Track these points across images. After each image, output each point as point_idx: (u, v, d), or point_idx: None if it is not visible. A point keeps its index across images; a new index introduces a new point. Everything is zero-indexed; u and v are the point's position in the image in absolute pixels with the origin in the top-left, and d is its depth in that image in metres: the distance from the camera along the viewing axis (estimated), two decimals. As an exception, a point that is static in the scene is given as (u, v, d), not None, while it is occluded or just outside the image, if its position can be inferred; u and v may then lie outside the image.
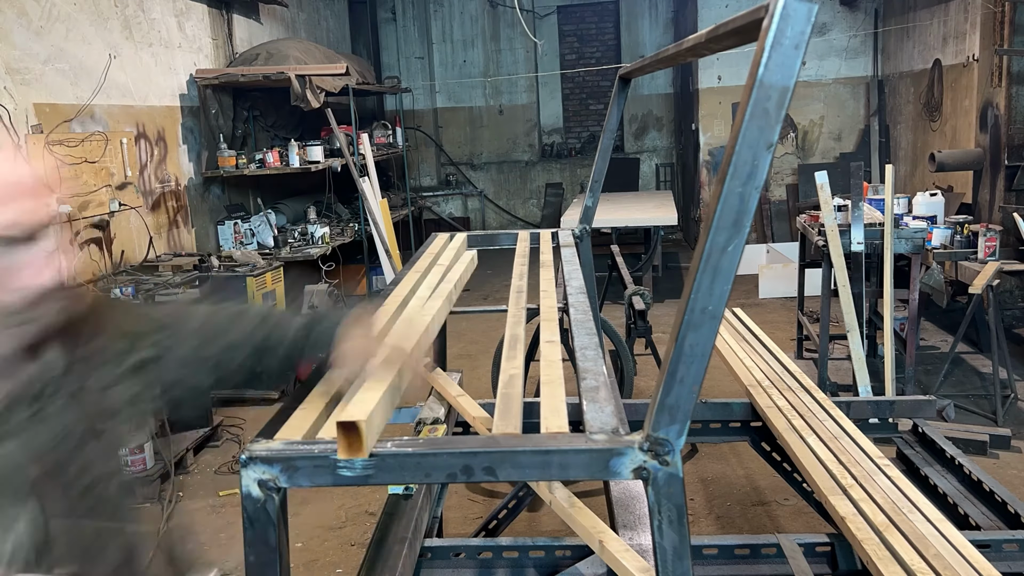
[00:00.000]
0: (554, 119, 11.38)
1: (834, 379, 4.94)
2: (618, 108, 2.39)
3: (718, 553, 2.24)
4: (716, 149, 9.22)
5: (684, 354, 0.90)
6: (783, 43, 0.81)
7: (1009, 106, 5.80)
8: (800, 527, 3.48)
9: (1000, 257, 4.82)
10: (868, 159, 8.66)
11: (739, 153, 0.84)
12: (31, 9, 4.50)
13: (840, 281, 4.31)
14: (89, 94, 4.95)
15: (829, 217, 4.43)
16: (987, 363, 4.98)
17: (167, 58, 5.91)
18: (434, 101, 11.29)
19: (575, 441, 0.97)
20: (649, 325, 4.49)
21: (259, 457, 0.99)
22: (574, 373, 1.27)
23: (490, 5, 11.01)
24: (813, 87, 9.05)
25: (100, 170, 4.99)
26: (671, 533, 0.97)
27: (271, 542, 1.00)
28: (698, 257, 0.88)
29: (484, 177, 11.48)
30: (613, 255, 5.90)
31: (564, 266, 2.12)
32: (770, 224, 9.11)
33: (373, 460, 0.96)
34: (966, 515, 2.48)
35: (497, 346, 4.52)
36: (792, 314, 6.19)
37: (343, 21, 10.23)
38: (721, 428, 3.10)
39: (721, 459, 4.22)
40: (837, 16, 8.88)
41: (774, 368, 3.30)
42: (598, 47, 11.19)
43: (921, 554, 1.89)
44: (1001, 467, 3.92)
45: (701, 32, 1.16)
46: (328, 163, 6.89)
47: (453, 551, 2.32)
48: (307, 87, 6.28)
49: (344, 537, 3.53)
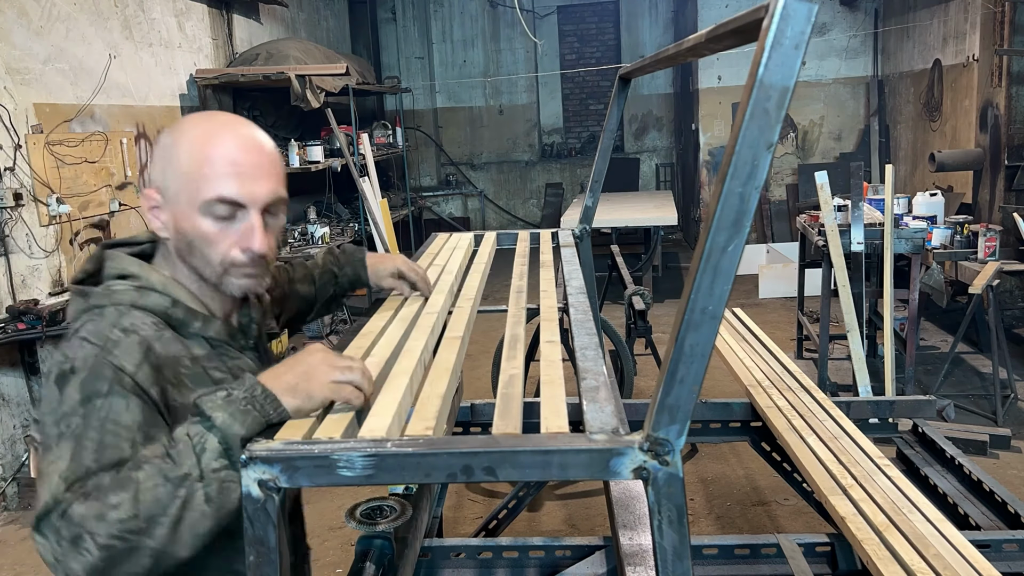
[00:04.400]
0: (554, 119, 11.39)
1: (834, 379, 4.94)
2: (618, 108, 2.39)
3: (718, 553, 2.24)
4: (716, 149, 9.22)
5: (684, 354, 0.90)
6: (783, 43, 0.81)
7: (1009, 106, 5.81)
8: (800, 527, 3.49)
9: (1000, 257, 4.82)
10: (868, 159, 8.67)
11: (739, 153, 0.84)
12: (31, 9, 4.50)
13: (840, 281, 4.31)
14: (89, 94, 4.95)
15: (829, 217, 4.43)
16: (987, 363, 4.98)
17: (167, 58, 5.91)
18: (434, 101, 11.30)
19: (575, 441, 0.97)
20: (649, 325, 4.49)
21: (259, 457, 0.99)
22: (574, 373, 1.27)
23: (490, 5, 11.01)
24: (813, 87, 9.05)
25: (100, 170, 4.99)
26: (671, 533, 0.97)
27: (271, 542, 1.00)
28: (698, 257, 0.88)
29: (484, 177, 11.48)
30: (613, 255, 5.90)
31: (564, 266, 2.12)
32: (770, 224, 9.11)
33: (373, 460, 0.96)
34: (966, 515, 2.48)
35: (497, 346, 4.52)
36: (792, 314, 6.19)
37: (343, 21, 10.24)
38: (721, 428, 3.09)
39: (721, 459, 4.23)
40: (837, 16, 8.88)
41: (774, 368, 3.30)
42: (598, 47, 11.20)
43: (921, 554, 1.89)
44: (1001, 467, 3.92)
45: (701, 32, 1.16)
46: (328, 163, 6.89)
47: (453, 551, 2.32)
48: (307, 87, 6.28)
49: (344, 537, 3.53)
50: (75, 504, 0.99)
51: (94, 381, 1.08)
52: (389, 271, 1.70)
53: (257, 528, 1.00)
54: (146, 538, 0.98)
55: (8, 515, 4.10)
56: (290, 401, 1.06)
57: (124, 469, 1.02)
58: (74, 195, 4.69)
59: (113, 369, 1.10)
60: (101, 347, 1.11)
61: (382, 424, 1.05)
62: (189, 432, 1.02)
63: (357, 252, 1.73)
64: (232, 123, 1.22)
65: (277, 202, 1.24)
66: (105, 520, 0.97)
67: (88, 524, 0.97)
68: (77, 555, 0.97)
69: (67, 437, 1.05)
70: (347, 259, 1.71)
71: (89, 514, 0.98)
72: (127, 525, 0.97)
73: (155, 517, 0.98)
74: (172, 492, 0.99)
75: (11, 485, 4.18)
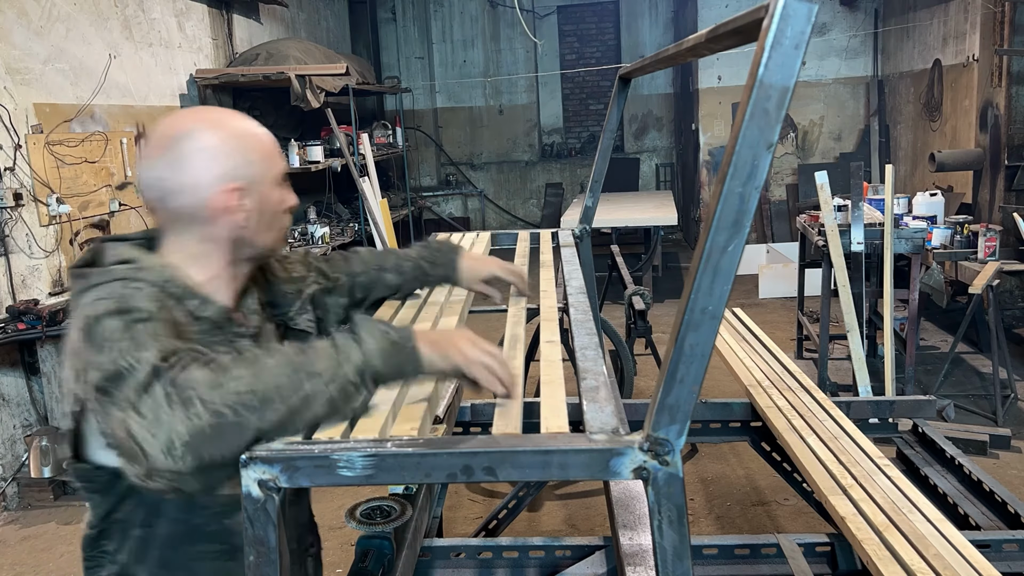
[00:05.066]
0: (554, 119, 11.38)
1: (834, 379, 4.94)
2: (618, 108, 2.39)
3: (718, 553, 2.24)
4: (716, 149, 9.22)
5: (684, 354, 0.90)
6: (783, 43, 0.81)
7: (1009, 106, 5.80)
8: (800, 527, 3.49)
9: (1000, 257, 4.82)
10: (868, 159, 8.66)
11: (739, 153, 0.84)
12: (31, 9, 4.50)
13: (840, 281, 4.31)
14: (89, 94, 4.95)
15: (829, 217, 4.43)
16: (987, 363, 4.98)
17: (167, 58, 5.91)
18: (434, 101, 11.30)
19: (575, 441, 0.97)
20: (649, 325, 4.49)
21: (259, 457, 0.99)
22: (574, 373, 1.27)
23: (490, 5, 11.01)
24: (813, 87, 9.05)
25: (100, 170, 4.99)
26: (671, 533, 0.97)
27: (271, 542, 1.00)
28: (698, 257, 0.88)
29: (484, 177, 11.48)
30: (613, 255, 5.90)
31: (564, 266, 2.12)
32: (770, 224, 9.11)
33: (373, 460, 0.96)
34: (966, 515, 2.48)
35: (497, 346, 4.52)
36: (792, 314, 6.19)
37: (343, 21, 10.23)
38: (721, 428, 3.09)
39: (721, 459, 4.23)
40: (837, 16, 8.88)
41: (774, 368, 3.30)
42: (598, 47, 11.20)
43: (921, 554, 1.89)
44: (1001, 467, 3.92)
45: (701, 32, 1.16)
46: (328, 163, 6.89)
47: (453, 551, 2.33)
48: (307, 87, 6.28)
49: (344, 537, 3.53)
50: (192, 369, 1.01)
51: (126, 315, 1.10)
52: (484, 275, 1.69)
53: (257, 528, 1.00)
54: (256, 418, 1.00)
55: (8, 515, 4.10)
56: (427, 352, 1.12)
57: (246, 352, 1.06)
58: (74, 195, 4.69)
59: (137, 308, 1.12)
60: (117, 298, 1.13)
61: (374, 425, 1.06)
62: (336, 341, 1.07)
63: (451, 253, 1.70)
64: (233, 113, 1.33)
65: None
66: (221, 388, 0.99)
67: (201, 389, 0.99)
68: (186, 417, 0.98)
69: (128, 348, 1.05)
70: (441, 258, 1.69)
71: (205, 380, 1.00)
72: (242, 399, 0.99)
73: (271, 401, 1.00)
74: (298, 384, 1.02)
75: (11, 485, 4.18)
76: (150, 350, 1.04)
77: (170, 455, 0.98)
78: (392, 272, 1.65)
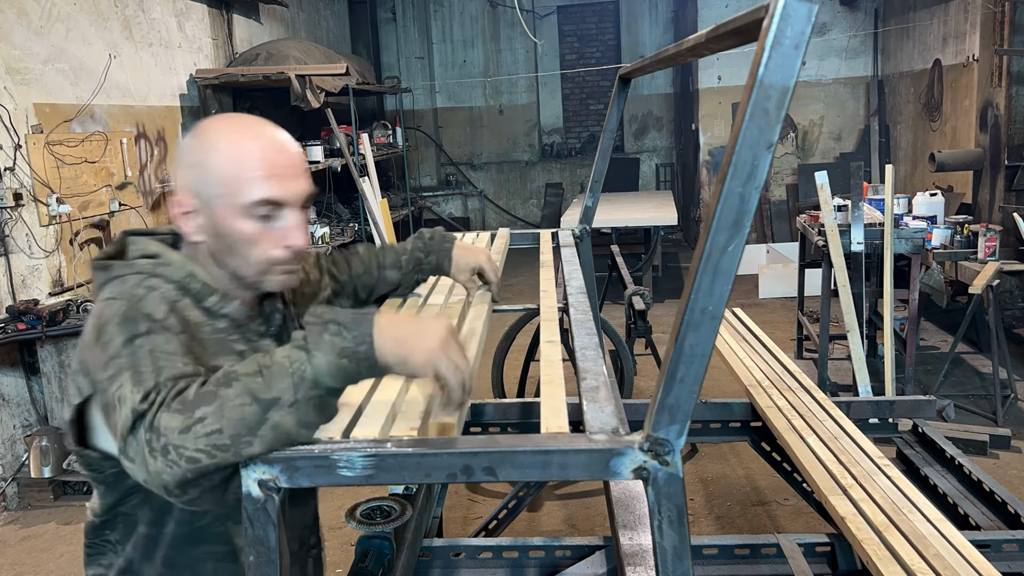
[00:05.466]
0: (554, 119, 11.38)
1: (834, 379, 4.94)
2: (618, 108, 2.39)
3: (718, 553, 2.24)
4: (716, 149, 9.22)
5: (684, 354, 0.90)
6: (783, 43, 0.81)
7: (1009, 106, 5.81)
8: (800, 527, 3.49)
9: (1000, 257, 4.82)
10: (868, 159, 8.66)
11: (739, 153, 0.84)
12: (31, 9, 4.50)
13: (840, 281, 4.31)
14: (89, 94, 4.95)
15: (829, 217, 4.43)
16: (987, 363, 4.98)
17: (167, 58, 5.91)
18: (434, 101, 11.30)
19: (575, 441, 0.97)
20: (649, 325, 4.49)
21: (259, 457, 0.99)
22: (574, 373, 1.27)
23: (490, 5, 11.01)
24: (813, 87, 9.05)
25: (100, 170, 4.99)
26: (671, 533, 0.97)
27: (271, 542, 1.00)
28: (698, 257, 0.88)
29: (484, 177, 11.48)
30: (613, 255, 5.90)
31: (564, 266, 2.12)
32: (770, 224, 9.11)
33: (373, 460, 0.96)
34: (966, 515, 2.49)
35: (497, 346, 4.53)
36: (792, 314, 6.19)
37: (343, 21, 10.23)
38: (721, 428, 3.09)
39: (721, 459, 4.23)
40: (837, 16, 8.88)
41: (774, 368, 3.30)
42: (598, 47, 11.20)
43: (921, 554, 1.89)
44: (1001, 467, 3.92)
45: (701, 32, 1.16)
46: (328, 163, 6.89)
47: (453, 551, 2.33)
48: (307, 87, 6.28)
49: (344, 537, 3.53)
50: (162, 414, 0.99)
51: (131, 325, 1.10)
52: (471, 266, 1.67)
53: (257, 528, 1.00)
54: (231, 454, 0.97)
55: (8, 515, 4.10)
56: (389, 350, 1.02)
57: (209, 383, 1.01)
58: (74, 195, 4.69)
59: (144, 315, 1.12)
60: (128, 300, 1.14)
61: (373, 426, 1.05)
62: (290, 356, 1.00)
63: (445, 241, 1.69)
64: (258, 125, 1.24)
65: (310, 197, 1.28)
66: (189, 433, 0.97)
67: (172, 436, 0.97)
68: (166, 466, 0.97)
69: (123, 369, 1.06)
70: (435, 246, 1.67)
71: (174, 425, 0.97)
72: (212, 440, 0.96)
73: (240, 435, 0.97)
74: (261, 415, 0.97)
75: (11, 485, 4.18)
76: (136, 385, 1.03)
77: (169, 495, 1.00)
78: (392, 269, 1.65)
